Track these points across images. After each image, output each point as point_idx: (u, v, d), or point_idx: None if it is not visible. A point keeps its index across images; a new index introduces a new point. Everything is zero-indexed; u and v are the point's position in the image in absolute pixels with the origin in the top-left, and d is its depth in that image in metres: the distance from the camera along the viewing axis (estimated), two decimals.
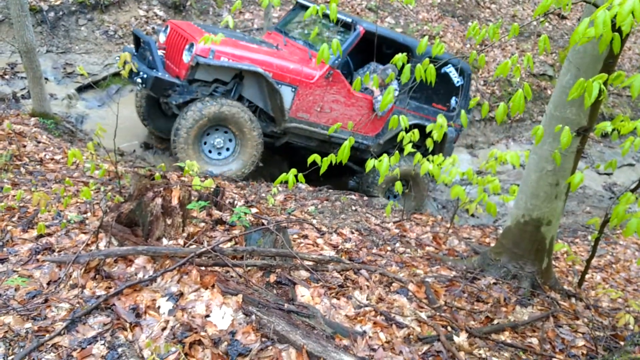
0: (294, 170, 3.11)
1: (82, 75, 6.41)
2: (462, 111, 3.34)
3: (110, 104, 7.38)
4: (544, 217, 3.67)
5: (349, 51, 6.22)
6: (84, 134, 6.48)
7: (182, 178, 4.99)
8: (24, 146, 5.21)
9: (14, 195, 3.92)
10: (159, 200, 3.45)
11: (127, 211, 3.45)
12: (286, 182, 3.09)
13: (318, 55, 2.83)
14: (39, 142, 5.42)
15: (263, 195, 5.23)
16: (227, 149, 6.06)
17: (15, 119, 5.72)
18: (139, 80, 5.63)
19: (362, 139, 6.65)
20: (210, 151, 6.03)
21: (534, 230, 3.72)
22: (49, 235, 3.33)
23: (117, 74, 7.76)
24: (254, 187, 5.59)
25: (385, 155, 3.39)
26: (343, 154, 2.90)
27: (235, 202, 4.47)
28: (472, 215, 7.02)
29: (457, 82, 6.73)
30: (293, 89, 6.01)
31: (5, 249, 3.13)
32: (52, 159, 5.14)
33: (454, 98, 6.80)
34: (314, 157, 3.12)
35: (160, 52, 6.03)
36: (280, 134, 6.41)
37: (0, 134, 5.31)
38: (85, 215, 3.74)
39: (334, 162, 3.06)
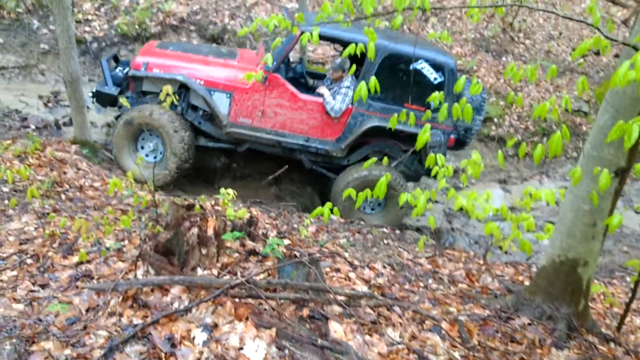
0: (329, 204, 3.14)
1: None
2: (444, 106, 3.17)
3: None
4: (580, 257, 3.61)
5: (285, 54, 6.16)
6: None
7: (217, 207, 5.07)
8: (65, 173, 5.36)
9: (56, 223, 4.03)
10: (195, 230, 3.50)
11: (164, 240, 3.51)
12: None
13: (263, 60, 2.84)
14: (79, 169, 5.57)
15: (295, 226, 5.26)
16: (161, 153, 6.35)
17: (57, 146, 5.89)
18: (89, 94, 6.25)
19: (320, 143, 6.37)
20: (147, 155, 6.39)
21: (570, 271, 3.66)
22: (88, 262, 3.41)
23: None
24: (286, 218, 5.63)
25: (418, 191, 3.39)
26: (380, 191, 2.92)
27: (268, 232, 4.51)
28: (505, 252, 6.93)
29: (435, 79, 6.06)
30: (228, 95, 6.17)
31: (46, 275, 3.22)
32: (91, 186, 5.27)
33: None
34: (349, 191, 3.15)
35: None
36: (233, 139, 6.46)
37: (43, 160, 5.49)
38: (123, 243, 3.81)
39: (368, 198, 3.08)
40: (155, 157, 6.39)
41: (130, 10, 8.81)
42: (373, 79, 3.09)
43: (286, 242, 4.30)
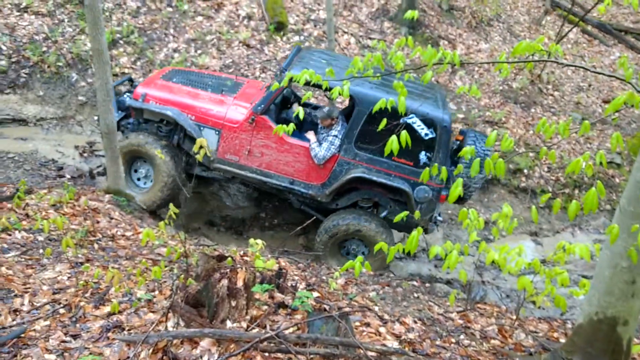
0: (360, 258, 3.13)
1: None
2: (443, 168, 3.18)
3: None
4: (619, 316, 3.50)
5: (273, 98, 6.23)
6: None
7: (245, 257, 5.07)
8: (98, 222, 5.46)
9: (89, 272, 4.08)
10: (225, 282, 3.51)
11: (195, 292, 3.52)
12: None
13: None
14: (111, 219, 5.67)
15: (324, 278, 5.23)
16: (151, 181, 6.62)
17: (91, 196, 6.02)
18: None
19: (304, 187, 6.38)
20: (139, 179, 6.74)
21: (609, 330, 3.54)
22: (119, 312, 3.42)
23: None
24: (315, 270, 5.60)
25: (449, 244, 3.35)
26: (412, 245, 2.90)
27: (297, 284, 4.49)
28: (539, 307, 6.75)
29: (426, 134, 5.92)
30: (217, 132, 6.32)
31: (78, 325, 3.24)
32: (123, 236, 5.35)
33: (423, 153, 6.03)
34: (381, 245, 3.14)
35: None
36: (222, 173, 6.61)
37: (77, 209, 5.60)
38: (153, 294, 3.83)
39: (401, 251, 3.06)
40: (145, 183, 6.73)
41: (165, 63, 9.09)
42: (404, 134, 3.12)
43: (315, 294, 4.26)
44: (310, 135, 6.30)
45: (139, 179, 6.75)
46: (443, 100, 6.34)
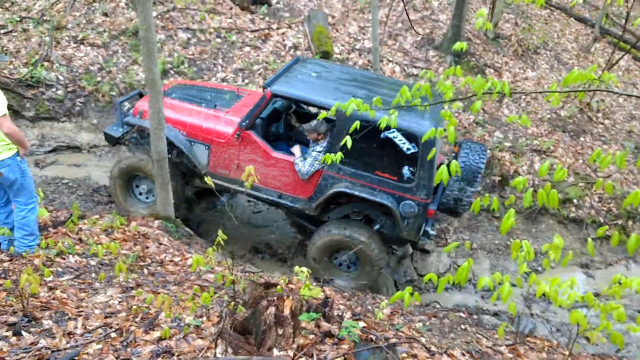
0: (409, 289, 3.10)
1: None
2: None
3: (224, 209, 7.75)
4: None
5: (257, 113, 6.24)
6: (200, 237, 6.82)
7: (290, 285, 5.08)
8: (147, 247, 5.57)
9: (139, 297, 4.16)
10: (272, 310, 3.52)
11: (242, 319, 3.55)
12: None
13: None
14: (160, 244, 5.77)
15: (369, 307, 5.18)
16: (153, 195, 6.79)
17: (141, 221, 6.15)
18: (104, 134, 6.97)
19: (292, 201, 6.43)
20: (140, 193, 6.95)
21: None
22: (169, 338, 3.47)
23: None
24: (360, 299, 5.56)
25: (498, 275, 3.27)
26: (462, 276, 2.86)
27: (343, 314, 4.46)
28: (593, 343, 6.51)
29: (407, 149, 5.78)
30: (206, 147, 6.47)
31: (129, 350, 3.29)
32: (171, 261, 5.44)
33: (406, 167, 5.90)
34: (430, 276, 3.10)
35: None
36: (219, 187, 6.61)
37: (127, 235, 5.73)
38: (201, 320, 3.87)
39: (450, 282, 3.02)
40: (147, 198, 6.93)
41: None
42: (454, 163, 3.10)
43: (362, 324, 4.23)
44: (295, 149, 6.32)
45: (140, 194, 6.94)
46: (434, 112, 6.12)
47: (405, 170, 5.91)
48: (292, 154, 6.33)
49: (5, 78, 8.61)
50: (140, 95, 7.33)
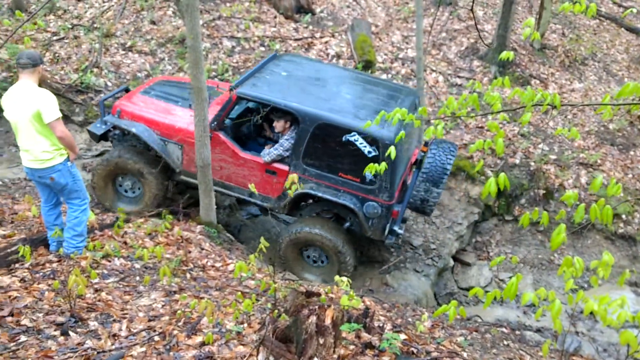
0: (454, 302, 3.04)
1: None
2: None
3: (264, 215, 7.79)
4: None
5: (225, 115, 6.36)
6: (241, 243, 6.87)
7: (330, 295, 5.06)
8: (190, 252, 5.64)
9: (181, 302, 4.21)
10: (313, 319, 3.51)
11: (283, 327, 3.55)
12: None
13: None
14: (202, 249, 5.84)
15: (410, 319, 5.13)
16: (139, 189, 6.85)
17: (184, 226, 6.24)
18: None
19: (262, 200, 6.55)
20: (126, 190, 6.90)
21: None
22: (211, 343, 3.49)
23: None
24: (400, 311, 5.51)
25: (543, 290, 3.18)
26: (510, 292, 2.79)
27: (384, 325, 4.42)
28: None
29: (369, 152, 5.83)
30: (180, 147, 6.57)
31: (172, 353, 3.33)
32: (213, 266, 5.49)
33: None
34: (476, 290, 3.04)
35: None
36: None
37: (171, 239, 5.82)
38: (242, 326, 3.89)
39: (498, 298, 2.95)
40: (134, 192, 6.91)
41: None
42: (502, 176, 3.04)
43: (402, 336, 4.18)
44: (267, 147, 6.47)
45: (126, 191, 6.94)
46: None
47: (368, 173, 5.87)
48: (259, 155, 6.46)
49: (56, 83, 8.87)
50: (126, 91, 7.37)
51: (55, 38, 9.89)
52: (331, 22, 11.21)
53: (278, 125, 6.41)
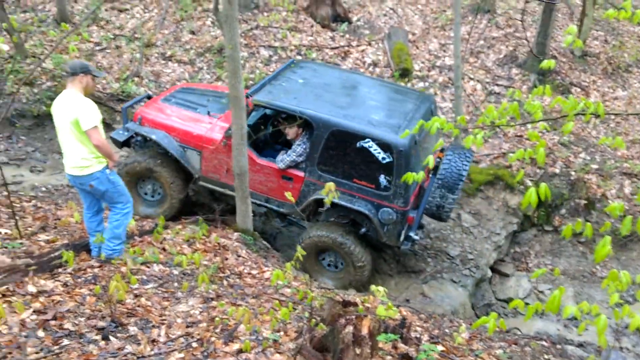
0: (494, 314, 2.98)
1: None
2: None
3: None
4: None
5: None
6: (277, 251, 6.89)
7: (366, 304, 5.03)
8: (226, 259, 5.68)
9: (218, 309, 4.24)
10: (350, 328, 3.50)
11: (320, 336, 3.54)
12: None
13: None
14: (239, 256, 5.88)
15: (447, 331, 5.06)
16: (159, 193, 6.96)
17: (221, 233, 6.30)
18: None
19: (278, 205, 6.61)
20: (146, 193, 6.99)
21: None
22: (248, 351, 3.51)
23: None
24: (437, 322, 5.43)
25: (585, 304, 3.10)
26: (553, 305, 2.73)
27: (420, 336, 4.37)
28: None
29: (383, 158, 5.84)
30: (198, 153, 6.65)
31: None
32: (249, 274, 5.52)
33: (382, 176, 5.94)
34: (517, 302, 2.98)
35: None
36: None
37: (208, 246, 5.88)
38: (279, 334, 3.90)
39: (539, 310, 2.89)
40: (153, 197, 7.01)
41: None
42: (543, 186, 2.97)
43: (440, 348, 4.12)
44: (281, 153, 6.49)
45: (146, 194, 7.02)
46: (414, 120, 6.11)
47: (382, 179, 5.98)
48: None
49: (98, 92, 9.09)
50: (149, 98, 7.50)
51: (97, 48, 10.15)
52: (368, 31, 11.22)
53: (290, 131, 6.48)
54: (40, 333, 3.57)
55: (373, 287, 4.47)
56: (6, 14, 9.58)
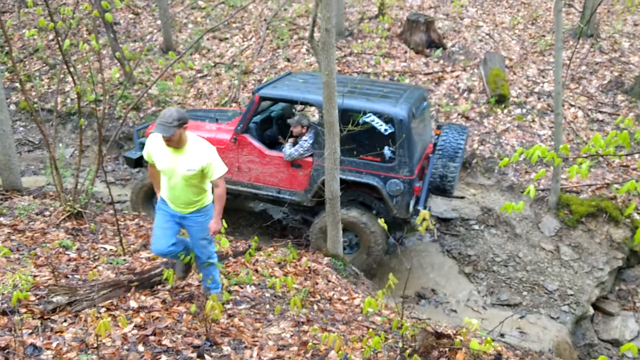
0: (603, 358, 2.80)
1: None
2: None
3: (396, 251, 7.68)
4: None
5: (249, 117, 6.77)
6: (366, 277, 6.84)
7: (458, 336, 4.87)
8: (317, 283, 5.71)
9: (309, 333, 4.25)
10: None
11: None
12: None
13: None
14: (329, 281, 5.89)
15: None
16: None
17: (311, 257, 6.34)
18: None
19: (290, 194, 6.88)
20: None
21: None
22: None
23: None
24: (534, 358, 5.16)
25: None
26: None
27: None
28: None
29: (385, 130, 6.26)
30: None
31: None
32: (339, 299, 5.51)
33: (387, 148, 6.32)
34: (629, 346, 2.78)
35: None
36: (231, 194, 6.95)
37: (299, 269, 5.93)
38: None
39: None
40: None
41: None
42: None
43: None
44: (287, 145, 6.85)
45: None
46: (409, 99, 6.57)
47: (387, 151, 6.36)
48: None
49: None
50: None
51: (199, 75, 10.65)
52: (463, 57, 11.06)
53: (295, 130, 6.81)
54: (141, 348, 3.72)
55: (466, 320, 4.32)
56: (118, 44, 10.30)
